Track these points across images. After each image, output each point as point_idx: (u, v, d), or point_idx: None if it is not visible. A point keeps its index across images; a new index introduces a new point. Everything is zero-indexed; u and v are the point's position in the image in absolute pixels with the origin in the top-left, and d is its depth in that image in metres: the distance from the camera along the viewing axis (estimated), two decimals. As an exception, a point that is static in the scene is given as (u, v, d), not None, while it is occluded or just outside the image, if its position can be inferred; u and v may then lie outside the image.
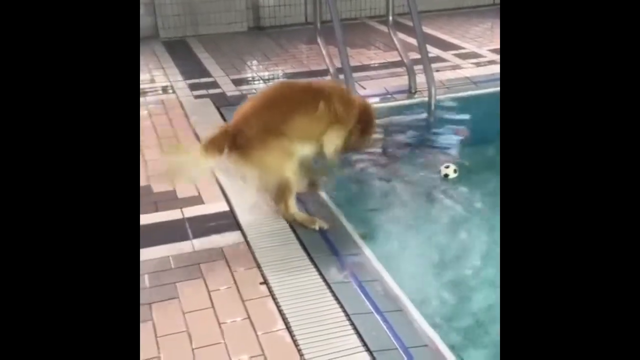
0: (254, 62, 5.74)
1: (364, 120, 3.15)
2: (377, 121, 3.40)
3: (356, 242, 2.94)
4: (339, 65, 4.41)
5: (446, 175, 3.59)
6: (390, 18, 4.92)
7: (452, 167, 3.61)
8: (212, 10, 6.65)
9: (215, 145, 2.81)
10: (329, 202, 3.27)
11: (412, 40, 4.93)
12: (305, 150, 2.99)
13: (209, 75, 5.33)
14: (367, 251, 2.86)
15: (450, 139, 4.13)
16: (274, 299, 2.52)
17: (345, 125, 3.05)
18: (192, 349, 2.27)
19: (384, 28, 6.00)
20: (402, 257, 2.93)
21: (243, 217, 3.11)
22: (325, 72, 4.77)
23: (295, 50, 6.05)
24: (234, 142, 2.80)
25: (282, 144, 2.85)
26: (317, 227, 2.99)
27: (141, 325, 2.33)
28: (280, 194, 2.93)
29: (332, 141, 3.03)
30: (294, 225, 3.01)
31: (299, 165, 2.96)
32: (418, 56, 4.63)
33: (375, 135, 3.43)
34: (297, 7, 6.89)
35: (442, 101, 4.47)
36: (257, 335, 2.32)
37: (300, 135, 2.92)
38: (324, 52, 4.72)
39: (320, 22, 4.81)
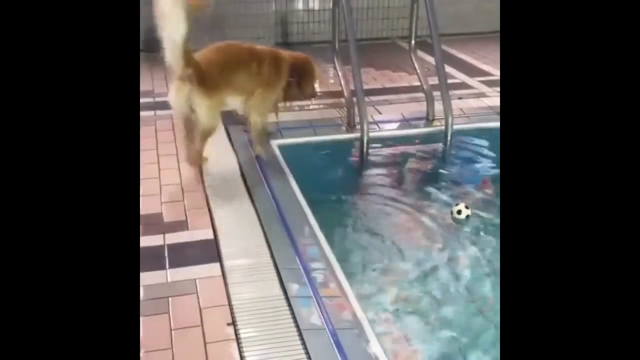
0: (273, 79, 5.58)
1: (298, 72, 3.65)
2: (317, 72, 3.87)
3: (340, 280, 2.73)
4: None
5: (452, 213, 3.34)
6: (413, 40, 4.71)
7: (459, 207, 3.33)
8: (240, 25, 6.55)
9: (192, 66, 3.18)
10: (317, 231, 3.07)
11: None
12: (233, 103, 3.55)
13: (224, 91, 5.20)
14: (350, 294, 2.65)
15: (463, 174, 3.87)
16: (239, 343, 2.34)
17: (272, 88, 3.56)
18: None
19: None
20: (384, 302, 2.70)
21: (225, 247, 2.94)
22: (341, 94, 4.58)
23: (317, 69, 5.88)
24: (203, 79, 3.20)
25: (224, 94, 3.38)
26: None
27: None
28: (204, 135, 3.40)
29: (258, 107, 3.54)
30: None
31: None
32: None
33: (315, 86, 3.93)
34: (326, 23, 6.70)
35: (459, 132, 4.21)
36: (209, 386, 2.14)
37: (235, 90, 3.42)
38: (339, 73, 4.52)
39: (338, 41, 4.62)
